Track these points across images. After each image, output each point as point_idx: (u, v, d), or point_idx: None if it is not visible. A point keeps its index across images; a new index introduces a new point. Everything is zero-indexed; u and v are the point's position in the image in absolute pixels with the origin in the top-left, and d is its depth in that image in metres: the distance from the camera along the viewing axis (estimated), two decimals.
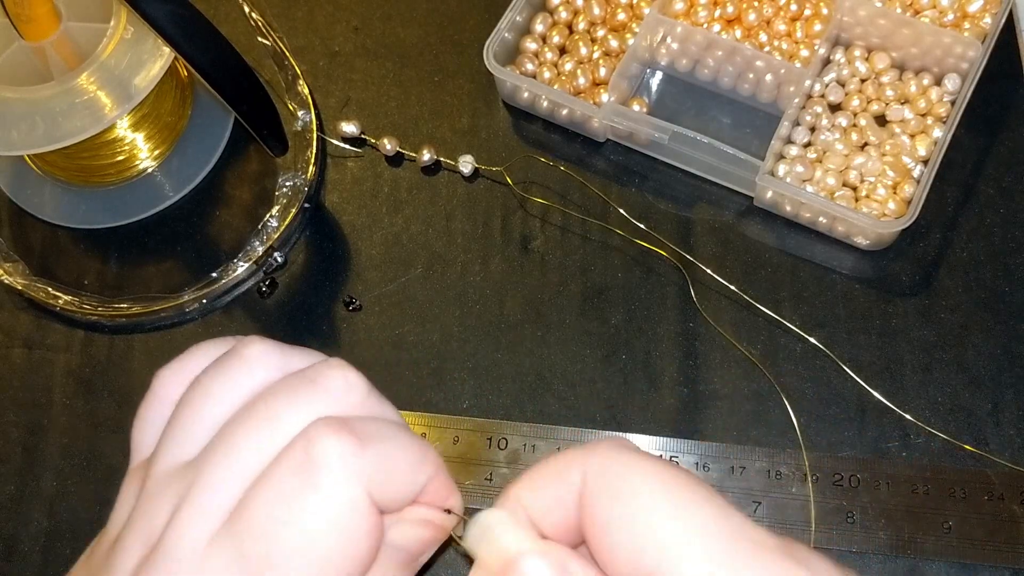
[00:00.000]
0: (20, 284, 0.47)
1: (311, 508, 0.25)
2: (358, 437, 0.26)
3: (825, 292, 0.46)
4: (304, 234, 0.49)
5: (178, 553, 0.25)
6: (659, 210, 0.48)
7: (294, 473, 0.25)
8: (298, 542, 0.25)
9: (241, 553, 0.25)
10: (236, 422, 0.27)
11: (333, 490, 0.25)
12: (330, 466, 0.25)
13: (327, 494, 0.25)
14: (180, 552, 0.25)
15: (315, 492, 0.25)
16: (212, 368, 0.29)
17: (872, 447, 0.43)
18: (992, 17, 0.49)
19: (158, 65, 0.45)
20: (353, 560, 0.26)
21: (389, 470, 0.26)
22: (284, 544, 0.25)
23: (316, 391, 0.27)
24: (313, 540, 0.25)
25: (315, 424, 0.26)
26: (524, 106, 0.51)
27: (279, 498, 0.25)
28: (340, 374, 0.28)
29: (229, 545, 0.25)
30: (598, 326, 0.46)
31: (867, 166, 0.47)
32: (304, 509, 0.25)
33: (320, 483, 0.25)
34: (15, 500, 0.44)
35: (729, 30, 0.51)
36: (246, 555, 0.25)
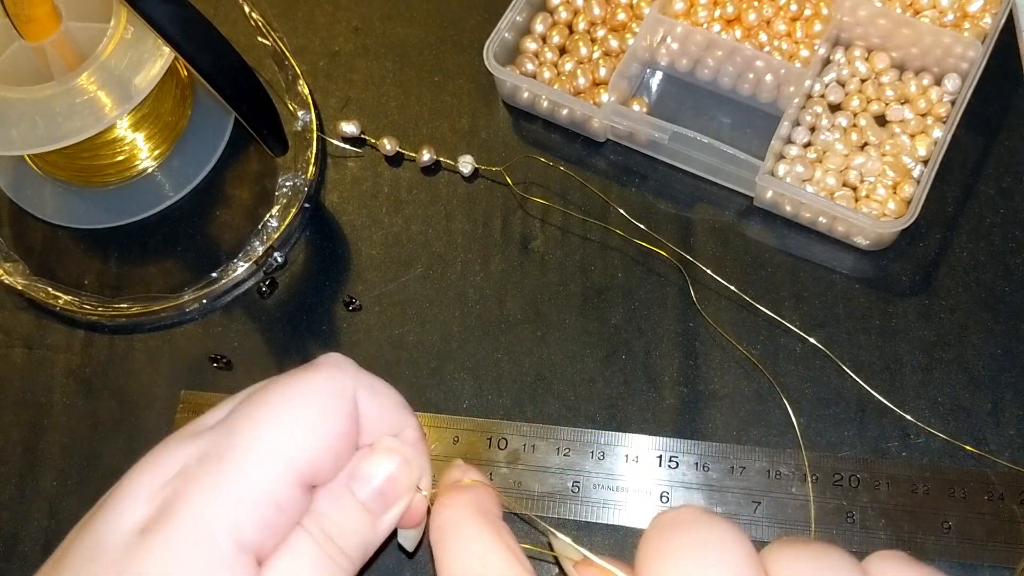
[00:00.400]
0: (20, 284, 0.47)
1: (303, 384, 0.28)
2: (360, 367, 0.29)
3: (825, 292, 0.46)
4: (304, 234, 0.49)
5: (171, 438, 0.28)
6: (659, 210, 0.48)
7: (296, 369, 0.28)
8: (283, 411, 0.27)
9: (229, 424, 0.27)
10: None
11: (328, 376, 0.28)
12: (329, 363, 0.28)
13: (322, 377, 0.28)
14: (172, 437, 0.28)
15: (311, 376, 0.28)
16: None
17: (872, 447, 0.43)
18: (992, 17, 0.49)
19: (158, 65, 0.45)
20: (329, 440, 0.27)
21: (377, 391, 0.29)
22: (270, 412, 0.27)
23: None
24: (298, 408, 0.27)
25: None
26: (524, 106, 0.51)
27: (278, 383, 0.28)
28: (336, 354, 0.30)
29: (220, 425, 0.27)
30: (598, 326, 0.46)
31: (867, 166, 0.47)
32: (297, 386, 0.28)
33: (318, 370, 0.28)
34: (15, 500, 0.44)
35: (729, 30, 0.51)
36: (232, 423, 0.27)
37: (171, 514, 0.25)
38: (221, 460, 0.26)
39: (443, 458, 0.43)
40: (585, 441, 0.43)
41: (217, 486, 0.26)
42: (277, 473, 0.26)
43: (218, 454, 0.26)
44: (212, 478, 0.26)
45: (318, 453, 0.27)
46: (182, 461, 0.26)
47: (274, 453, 0.26)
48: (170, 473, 0.26)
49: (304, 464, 0.27)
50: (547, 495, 0.42)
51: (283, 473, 0.26)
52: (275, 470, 0.26)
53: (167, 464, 0.27)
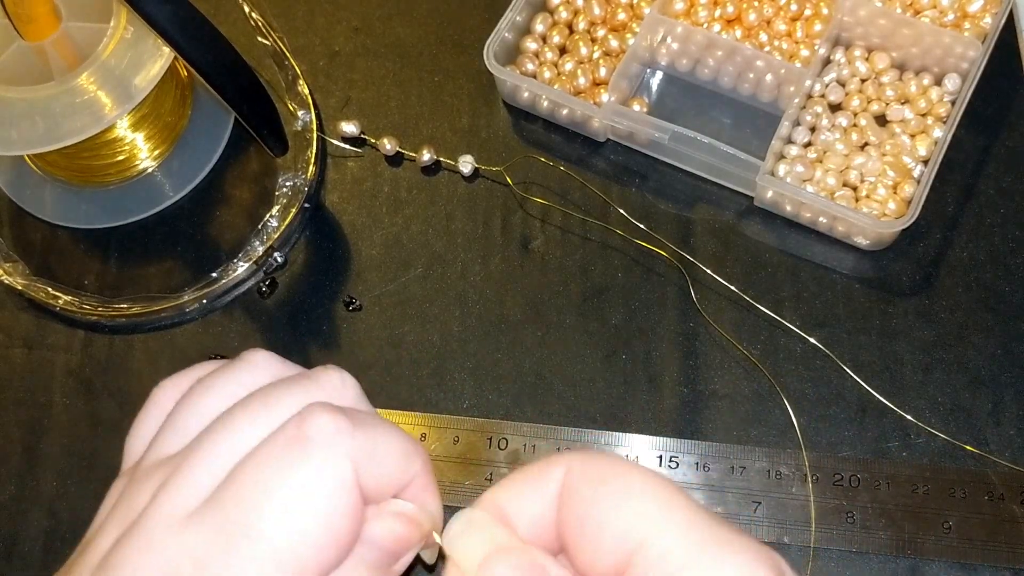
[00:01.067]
0: (20, 284, 0.47)
1: (299, 479, 0.25)
2: (351, 419, 0.26)
3: (825, 292, 0.46)
4: (304, 234, 0.49)
5: (155, 524, 0.25)
6: (659, 210, 0.48)
7: (285, 445, 0.25)
8: (281, 513, 0.25)
9: (222, 523, 0.25)
10: (232, 408, 0.27)
11: (322, 464, 0.25)
12: (322, 441, 0.25)
13: (316, 467, 0.25)
14: (157, 523, 0.25)
15: (304, 464, 0.25)
16: (215, 371, 0.29)
17: (872, 447, 0.43)
18: (992, 17, 0.49)
19: (158, 65, 0.45)
20: (332, 539, 0.26)
21: (378, 455, 0.27)
22: (267, 514, 0.25)
23: (312, 385, 0.28)
24: (296, 512, 0.25)
25: (310, 405, 0.26)
26: (524, 106, 0.51)
27: (267, 469, 0.25)
28: (336, 373, 0.28)
29: (210, 515, 0.25)
30: (598, 326, 0.46)
31: (867, 166, 0.47)
32: (291, 480, 0.25)
33: (310, 455, 0.25)
34: (15, 500, 0.44)
35: (729, 30, 0.51)
36: (227, 524, 0.25)
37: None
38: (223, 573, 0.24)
39: (443, 458, 0.43)
40: (585, 441, 0.43)
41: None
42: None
43: (218, 566, 0.24)
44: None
45: (325, 554, 0.25)
46: (175, 564, 0.25)
47: (278, 563, 0.24)
48: (162, 568, 0.24)
49: (312, 565, 0.25)
50: None
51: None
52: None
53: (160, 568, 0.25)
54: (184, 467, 0.26)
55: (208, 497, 0.25)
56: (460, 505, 0.42)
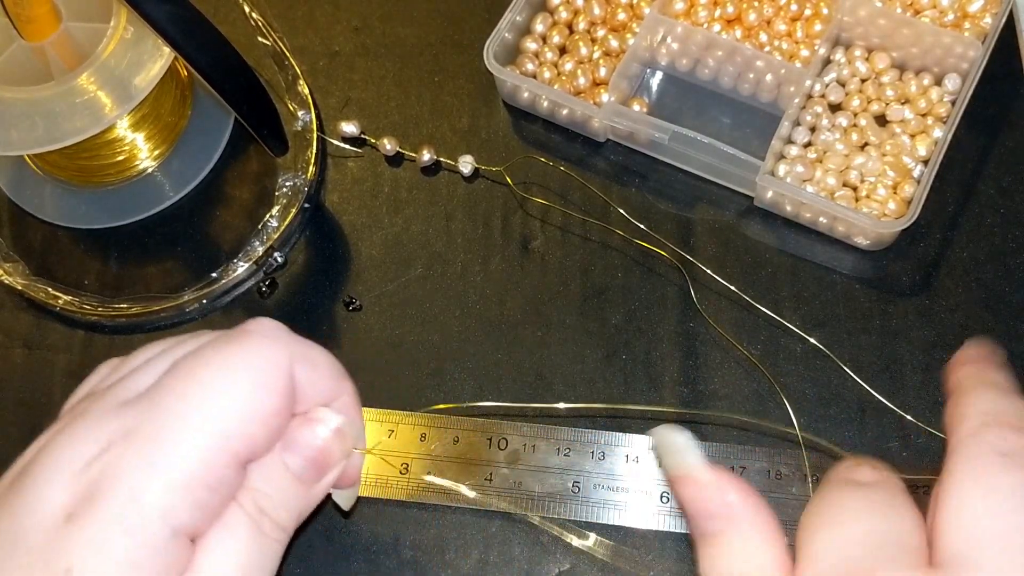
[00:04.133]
0: (20, 284, 0.47)
1: (235, 352, 0.26)
2: (294, 333, 0.28)
3: (825, 292, 0.46)
4: (304, 234, 0.49)
5: (89, 411, 0.26)
6: (659, 210, 0.48)
7: (225, 336, 0.27)
8: (213, 384, 0.26)
9: (157, 399, 0.26)
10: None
11: (259, 347, 0.27)
12: (262, 332, 0.27)
13: (253, 348, 0.27)
14: (92, 410, 0.26)
15: (242, 346, 0.26)
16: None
17: (872, 447, 0.43)
18: (992, 17, 0.49)
19: (158, 65, 0.45)
20: (260, 416, 0.26)
21: (311, 358, 0.28)
22: (200, 384, 0.26)
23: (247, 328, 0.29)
24: (228, 383, 0.26)
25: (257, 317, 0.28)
26: (524, 106, 0.51)
27: (206, 350, 0.26)
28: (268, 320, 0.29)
29: (147, 396, 0.26)
30: (598, 326, 0.46)
31: (867, 166, 0.47)
32: (227, 356, 0.26)
33: (249, 340, 0.27)
34: None
35: (729, 30, 0.51)
36: (161, 399, 0.26)
37: (100, 499, 0.24)
38: (151, 440, 0.25)
39: (443, 458, 0.43)
40: (585, 441, 0.43)
41: (149, 469, 0.24)
42: (211, 453, 0.25)
43: (147, 433, 0.25)
44: (143, 460, 0.24)
45: (252, 430, 0.26)
46: (106, 437, 0.25)
47: (207, 433, 0.25)
48: (93, 451, 0.25)
49: (238, 443, 0.26)
50: (547, 495, 0.42)
51: (217, 453, 0.25)
52: (209, 450, 0.25)
53: (90, 439, 0.25)
54: (127, 374, 0.27)
55: (150, 386, 0.26)
56: (460, 506, 0.42)
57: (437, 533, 0.42)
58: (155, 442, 0.25)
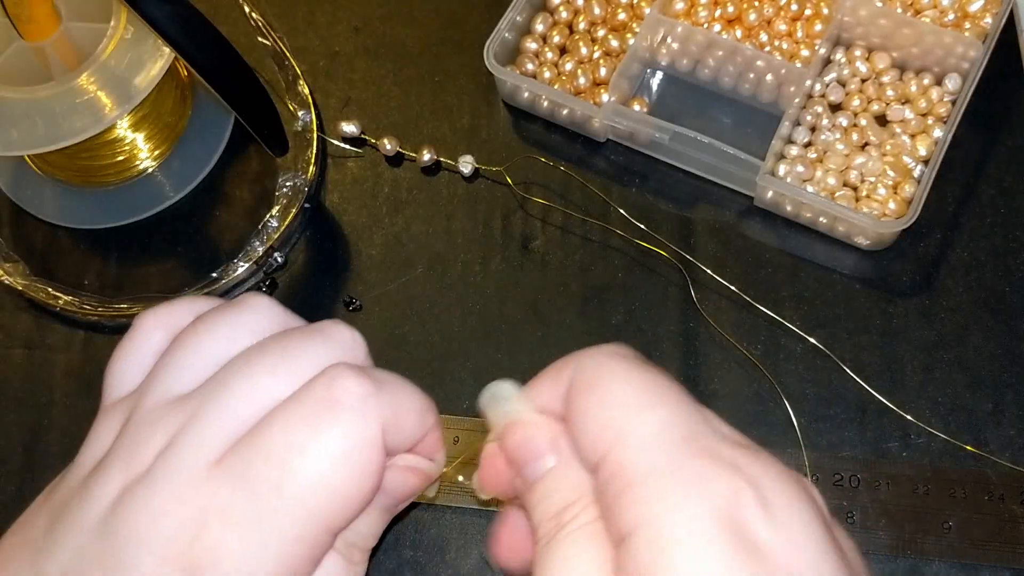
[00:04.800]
0: (20, 284, 0.47)
1: (329, 441, 0.26)
2: (375, 383, 0.27)
3: (825, 292, 0.46)
4: (304, 234, 0.49)
5: (177, 472, 0.25)
6: (659, 210, 0.48)
7: (315, 407, 0.26)
8: (312, 472, 0.25)
9: (248, 477, 0.25)
10: (249, 356, 0.28)
11: (352, 428, 0.26)
12: (352, 405, 0.26)
13: (346, 431, 0.26)
14: (179, 471, 0.25)
15: (335, 427, 0.26)
16: (216, 310, 0.30)
17: (872, 447, 0.43)
18: (993, 17, 0.49)
19: (158, 65, 0.45)
20: (358, 496, 0.27)
21: (400, 416, 0.28)
22: (297, 473, 0.25)
23: (328, 340, 0.29)
24: (326, 472, 0.26)
25: (336, 366, 0.27)
26: (524, 106, 0.51)
27: (298, 428, 0.26)
28: (348, 331, 0.30)
29: (239, 468, 0.25)
30: (598, 326, 0.46)
31: (867, 166, 0.47)
32: (323, 440, 0.26)
33: (340, 420, 0.26)
34: (15, 500, 0.44)
35: (729, 30, 0.51)
36: (254, 480, 0.25)
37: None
38: (250, 524, 0.25)
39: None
40: None
41: (251, 555, 0.25)
42: (310, 534, 0.25)
43: (245, 515, 0.25)
44: (244, 546, 0.25)
45: (349, 509, 0.27)
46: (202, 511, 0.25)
47: (305, 517, 0.25)
48: (191, 530, 0.25)
49: (336, 520, 0.26)
50: None
51: (315, 533, 0.26)
52: (307, 532, 0.25)
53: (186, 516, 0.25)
54: (204, 414, 0.26)
55: (232, 448, 0.26)
56: (460, 505, 0.42)
57: (437, 533, 0.42)
58: (253, 527, 0.25)
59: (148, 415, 0.27)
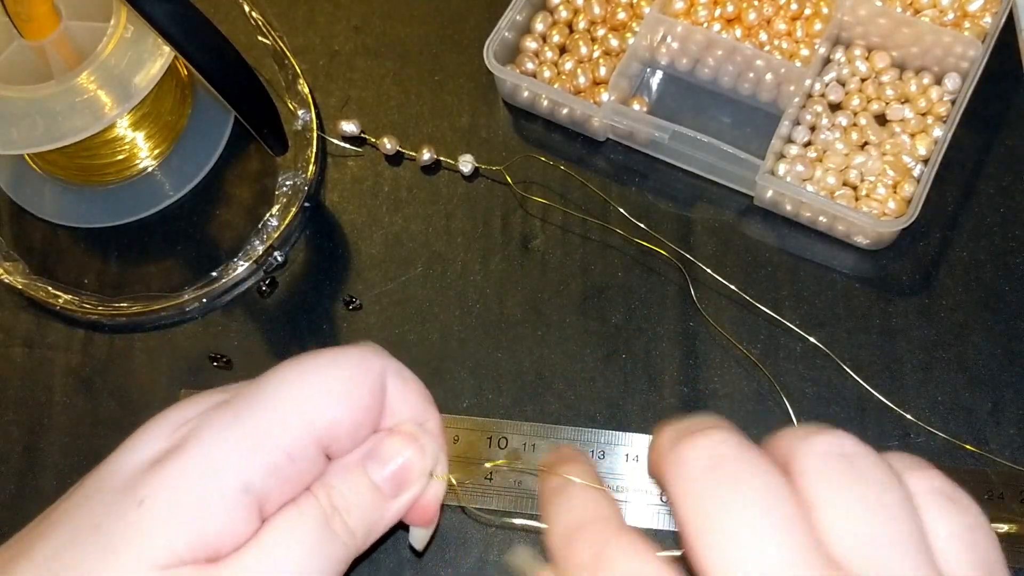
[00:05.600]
0: (20, 284, 0.47)
1: (335, 352, 0.29)
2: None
3: (825, 291, 0.46)
4: (304, 233, 0.49)
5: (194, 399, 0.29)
6: (659, 209, 0.48)
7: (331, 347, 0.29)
8: (309, 365, 0.28)
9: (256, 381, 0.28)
10: None
11: (358, 350, 0.29)
12: (362, 345, 0.29)
13: (351, 349, 0.29)
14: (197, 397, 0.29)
15: (343, 349, 0.29)
16: None
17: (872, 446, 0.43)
18: (992, 16, 0.49)
19: (158, 64, 0.45)
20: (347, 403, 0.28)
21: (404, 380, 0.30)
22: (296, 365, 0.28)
23: None
24: (327, 375, 0.28)
25: None
26: (524, 105, 0.51)
27: (310, 352, 0.29)
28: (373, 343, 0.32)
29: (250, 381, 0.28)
30: (598, 326, 0.46)
31: (867, 165, 0.47)
32: (329, 356, 0.29)
33: (350, 347, 0.29)
34: (15, 500, 0.44)
35: (729, 29, 0.51)
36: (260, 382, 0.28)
37: (182, 450, 0.26)
38: (241, 407, 0.27)
39: None
40: (585, 440, 0.43)
41: (232, 428, 0.26)
42: (294, 427, 0.27)
43: (239, 402, 0.27)
44: (228, 421, 0.27)
45: (338, 417, 0.28)
46: (205, 406, 0.28)
47: (294, 408, 0.27)
48: (190, 414, 0.27)
49: (323, 425, 0.27)
50: None
51: (300, 428, 0.27)
52: (292, 423, 0.27)
53: (191, 408, 0.28)
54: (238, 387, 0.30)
55: None
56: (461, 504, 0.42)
57: (437, 533, 0.42)
58: (243, 409, 0.27)
59: None
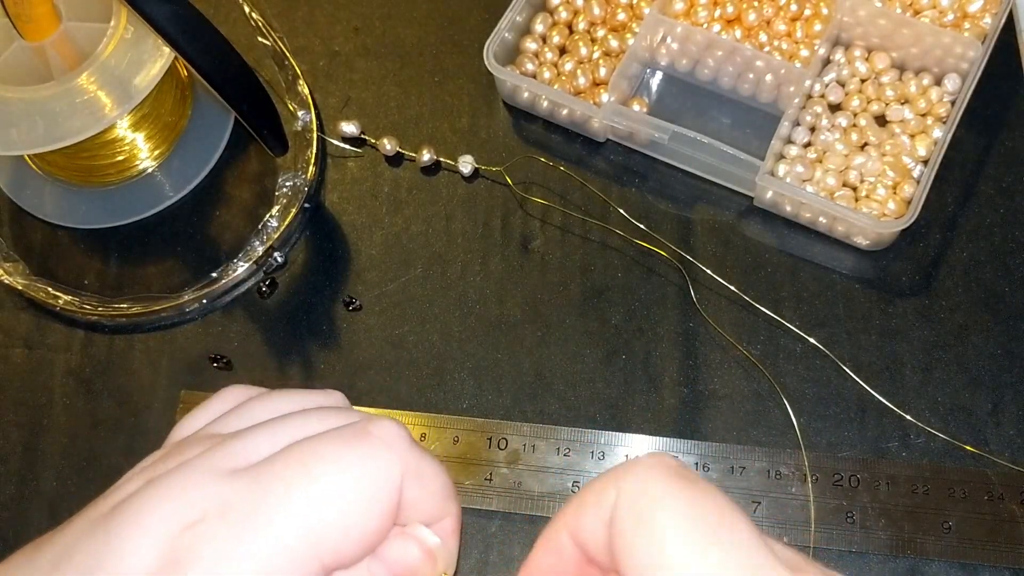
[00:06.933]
0: (20, 284, 0.47)
1: (350, 462, 0.26)
2: (412, 439, 0.27)
3: (825, 292, 0.46)
4: (304, 234, 0.49)
5: (195, 469, 0.26)
6: (659, 210, 0.48)
7: (349, 431, 0.26)
8: (323, 484, 0.25)
9: (261, 480, 0.25)
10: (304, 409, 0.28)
11: (376, 457, 0.26)
12: (383, 438, 0.26)
13: (369, 457, 0.26)
14: (198, 469, 0.26)
15: (360, 451, 0.26)
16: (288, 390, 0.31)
17: (872, 447, 0.43)
18: (992, 17, 0.49)
19: (158, 65, 0.45)
20: (359, 530, 0.26)
21: (424, 475, 0.27)
22: (309, 482, 0.25)
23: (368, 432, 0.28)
24: (337, 490, 0.25)
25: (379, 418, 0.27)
26: (524, 106, 0.51)
27: (325, 444, 0.26)
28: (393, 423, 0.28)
29: (255, 472, 0.25)
30: (598, 326, 0.46)
31: (867, 166, 0.47)
32: (343, 461, 0.25)
33: (367, 445, 0.26)
34: (15, 500, 0.44)
35: (729, 30, 0.51)
36: (265, 482, 0.25)
37: (182, 572, 0.24)
38: (244, 524, 0.24)
39: (443, 458, 0.43)
40: (585, 441, 0.43)
41: (234, 555, 0.24)
42: (299, 554, 0.25)
43: (242, 515, 0.24)
44: (230, 545, 0.24)
45: (346, 545, 0.26)
46: (205, 506, 0.25)
47: (301, 533, 0.25)
48: (190, 517, 0.25)
49: (328, 552, 0.25)
50: (547, 495, 0.42)
51: (305, 556, 0.25)
52: (297, 551, 0.25)
53: (187, 504, 0.25)
54: (243, 433, 0.27)
55: (260, 462, 0.26)
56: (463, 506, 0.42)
57: None
58: (247, 528, 0.24)
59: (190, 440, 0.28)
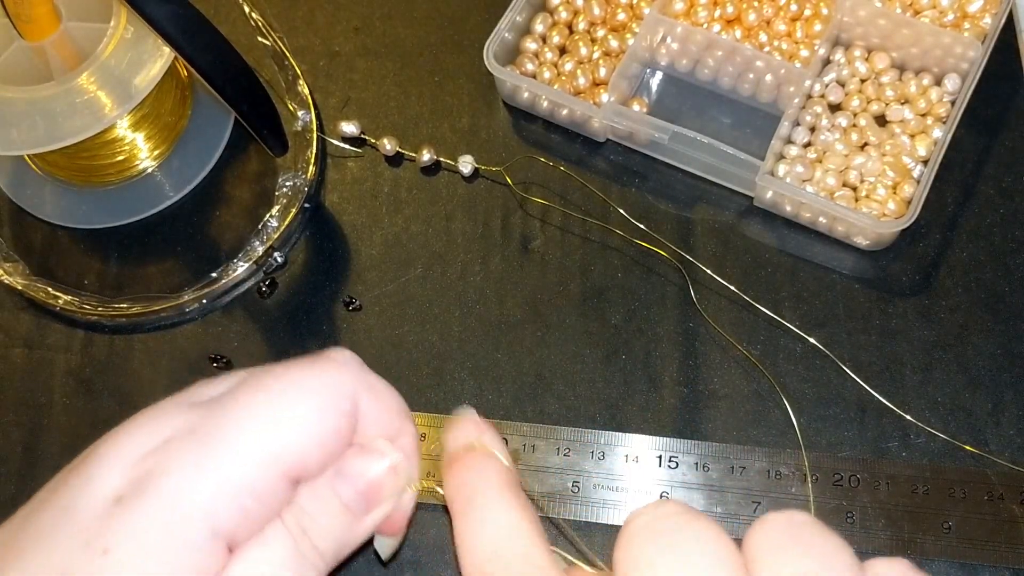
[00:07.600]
0: (20, 284, 0.47)
1: (307, 376, 0.27)
2: (365, 365, 0.29)
3: (825, 292, 0.46)
4: (304, 234, 0.49)
5: (164, 404, 0.27)
6: (659, 210, 0.48)
7: (300, 359, 0.28)
8: (281, 398, 0.27)
9: (225, 403, 0.27)
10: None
11: (331, 372, 0.28)
12: (336, 358, 0.28)
13: (325, 371, 0.27)
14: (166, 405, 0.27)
15: (316, 367, 0.27)
16: None
17: (872, 447, 0.43)
18: (992, 17, 0.49)
19: (158, 65, 0.45)
20: (319, 435, 0.27)
21: (378, 392, 0.29)
22: (268, 397, 0.27)
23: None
24: (295, 400, 0.27)
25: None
26: (524, 106, 0.51)
27: (282, 367, 0.27)
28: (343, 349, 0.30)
29: (219, 400, 0.27)
30: (598, 326, 0.46)
31: (867, 166, 0.47)
32: (300, 374, 0.27)
33: (323, 364, 0.28)
34: (15, 500, 0.44)
35: (729, 30, 0.51)
36: (227, 405, 0.26)
37: (148, 489, 0.25)
38: (208, 440, 0.25)
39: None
40: (585, 441, 0.43)
41: (199, 468, 0.25)
42: (263, 464, 0.26)
43: (206, 433, 0.26)
44: (195, 458, 0.25)
45: (308, 449, 0.26)
46: (168, 432, 0.26)
47: (263, 443, 0.26)
48: (155, 443, 0.26)
49: (292, 459, 0.26)
50: (547, 495, 0.42)
51: (269, 465, 0.26)
52: (261, 461, 0.26)
53: (153, 432, 0.26)
54: (210, 378, 0.28)
55: (223, 392, 0.27)
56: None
57: (437, 533, 0.42)
58: (210, 444, 0.25)
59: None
